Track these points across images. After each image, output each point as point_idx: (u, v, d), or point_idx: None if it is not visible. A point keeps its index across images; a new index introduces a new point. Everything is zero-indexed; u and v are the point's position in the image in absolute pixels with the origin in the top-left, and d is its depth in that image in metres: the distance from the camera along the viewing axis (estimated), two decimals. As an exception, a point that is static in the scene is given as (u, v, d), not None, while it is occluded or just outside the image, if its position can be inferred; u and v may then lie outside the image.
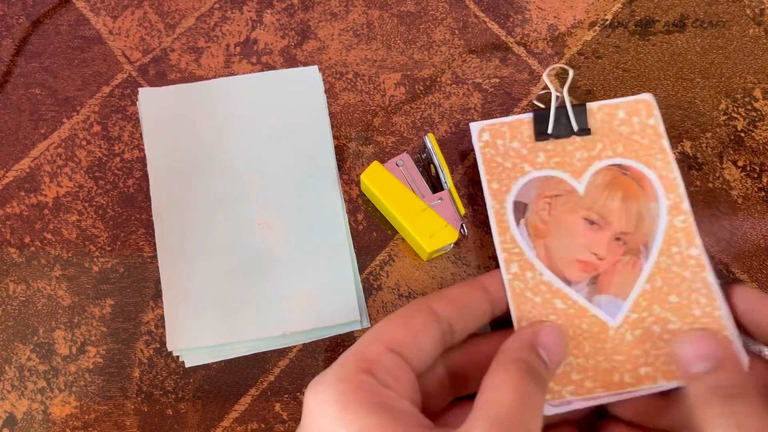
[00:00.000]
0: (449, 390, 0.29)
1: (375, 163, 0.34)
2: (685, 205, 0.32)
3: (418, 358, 0.27)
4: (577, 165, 0.33)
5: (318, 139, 0.37)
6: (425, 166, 0.36)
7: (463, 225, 0.34)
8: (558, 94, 0.34)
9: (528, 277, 0.31)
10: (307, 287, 0.34)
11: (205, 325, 0.34)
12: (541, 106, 0.36)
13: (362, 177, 0.34)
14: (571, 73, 0.35)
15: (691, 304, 0.30)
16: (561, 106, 0.34)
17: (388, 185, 0.34)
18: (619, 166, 0.33)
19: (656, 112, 0.34)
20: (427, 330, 0.27)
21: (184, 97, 0.37)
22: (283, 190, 0.36)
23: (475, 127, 0.34)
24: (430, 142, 0.35)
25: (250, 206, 0.36)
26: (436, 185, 0.35)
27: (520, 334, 0.28)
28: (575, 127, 0.34)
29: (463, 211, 0.34)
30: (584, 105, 0.34)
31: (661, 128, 0.33)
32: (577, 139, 0.34)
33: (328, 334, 0.34)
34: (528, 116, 0.34)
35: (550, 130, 0.34)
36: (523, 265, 0.31)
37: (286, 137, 0.37)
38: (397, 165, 0.35)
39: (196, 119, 0.37)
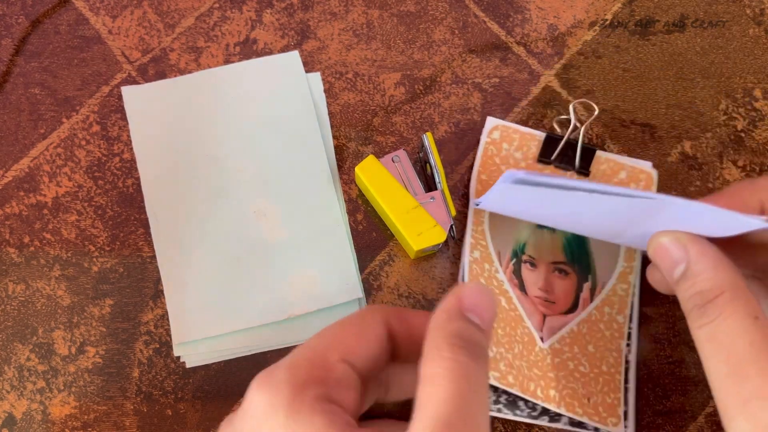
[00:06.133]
0: (372, 393, 0.29)
1: (370, 157, 0.34)
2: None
3: (368, 368, 0.26)
4: None
5: (304, 122, 0.37)
6: (422, 165, 0.36)
7: (453, 226, 0.34)
8: (577, 124, 0.35)
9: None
10: (307, 270, 0.35)
11: (209, 315, 0.34)
12: (558, 130, 0.36)
13: (357, 170, 0.34)
14: (596, 110, 0.36)
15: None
16: (573, 139, 0.35)
17: (382, 180, 0.34)
18: None
19: (654, 188, 0.36)
20: (379, 343, 0.26)
21: (168, 91, 0.38)
22: (274, 175, 0.36)
23: (491, 122, 0.36)
24: (428, 141, 0.35)
25: (242, 195, 0.36)
26: (430, 184, 0.35)
27: (445, 305, 0.25)
28: (577, 165, 0.35)
29: (454, 212, 0.34)
30: (595, 150, 0.35)
31: None
32: (573, 176, 0.35)
33: (332, 317, 0.34)
34: (540, 135, 0.35)
35: (552, 158, 0.35)
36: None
37: (271, 123, 0.37)
38: (393, 161, 0.35)
39: (180, 113, 0.37)
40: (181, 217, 0.35)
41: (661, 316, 0.35)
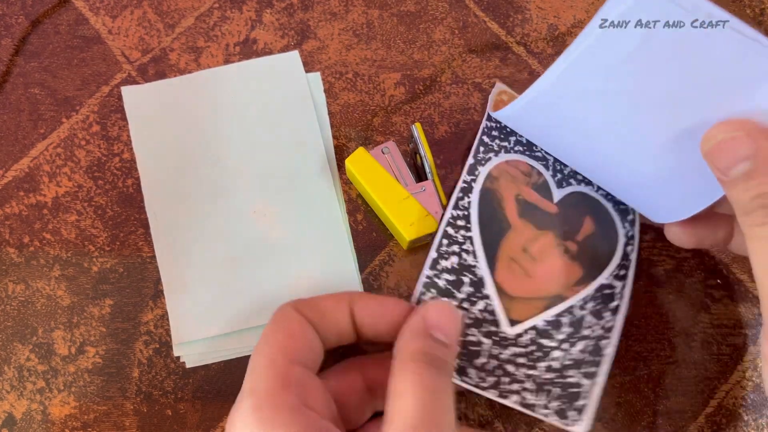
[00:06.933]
0: (369, 404, 0.29)
1: (360, 149, 0.34)
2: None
3: (314, 362, 0.27)
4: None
5: (304, 123, 0.37)
6: (412, 156, 0.36)
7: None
8: None
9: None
10: (307, 270, 0.35)
11: (209, 315, 0.34)
12: None
13: (347, 162, 0.34)
14: None
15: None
16: None
17: (372, 171, 0.34)
18: None
19: None
20: (308, 333, 0.27)
21: (168, 91, 0.38)
22: (273, 175, 0.36)
23: (498, 86, 0.35)
24: (417, 131, 0.35)
25: (242, 195, 0.36)
26: (420, 175, 0.36)
27: (411, 324, 0.27)
28: None
29: (445, 201, 0.34)
30: None
31: None
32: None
33: None
34: None
35: None
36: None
37: (271, 124, 0.37)
38: (382, 152, 0.35)
39: (180, 113, 0.37)
40: (181, 217, 0.35)
41: (661, 315, 0.35)
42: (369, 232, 0.36)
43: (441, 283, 0.30)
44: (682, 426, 0.34)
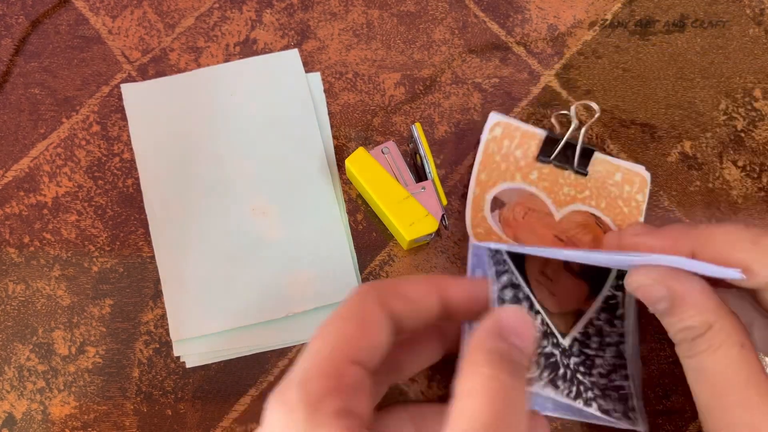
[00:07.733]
0: (385, 379, 0.29)
1: (360, 149, 0.34)
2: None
3: (375, 361, 0.25)
4: (561, 197, 0.35)
5: (304, 121, 0.37)
6: (412, 156, 0.36)
7: (444, 216, 0.34)
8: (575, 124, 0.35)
9: (492, 240, 0.33)
10: (306, 268, 0.35)
11: (207, 312, 0.34)
12: (557, 127, 0.36)
13: (347, 162, 0.34)
14: (597, 112, 0.35)
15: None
16: (572, 139, 0.35)
17: (372, 171, 0.34)
18: (597, 217, 0.35)
19: (647, 190, 0.36)
20: (383, 331, 0.25)
21: (168, 89, 0.38)
22: (273, 173, 0.36)
23: (493, 117, 0.36)
24: (417, 131, 0.35)
25: (241, 193, 0.36)
26: (420, 175, 0.36)
27: (484, 326, 0.26)
28: (575, 165, 0.35)
29: (445, 201, 0.34)
30: (593, 150, 0.35)
31: (644, 206, 0.36)
32: (571, 175, 0.36)
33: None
34: (541, 133, 0.36)
35: (552, 157, 0.35)
36: (488, 230, 0.34)
37: (271, 121, 0.37)
38: (382, 152, 0.35)
39: (180, 110, 0.37)
40: (180, 215, 0.35)
41: (661, 316, 0.35)
42: (369, 232, 0.36)
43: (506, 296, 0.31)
44: (682, 426, 0.34)
